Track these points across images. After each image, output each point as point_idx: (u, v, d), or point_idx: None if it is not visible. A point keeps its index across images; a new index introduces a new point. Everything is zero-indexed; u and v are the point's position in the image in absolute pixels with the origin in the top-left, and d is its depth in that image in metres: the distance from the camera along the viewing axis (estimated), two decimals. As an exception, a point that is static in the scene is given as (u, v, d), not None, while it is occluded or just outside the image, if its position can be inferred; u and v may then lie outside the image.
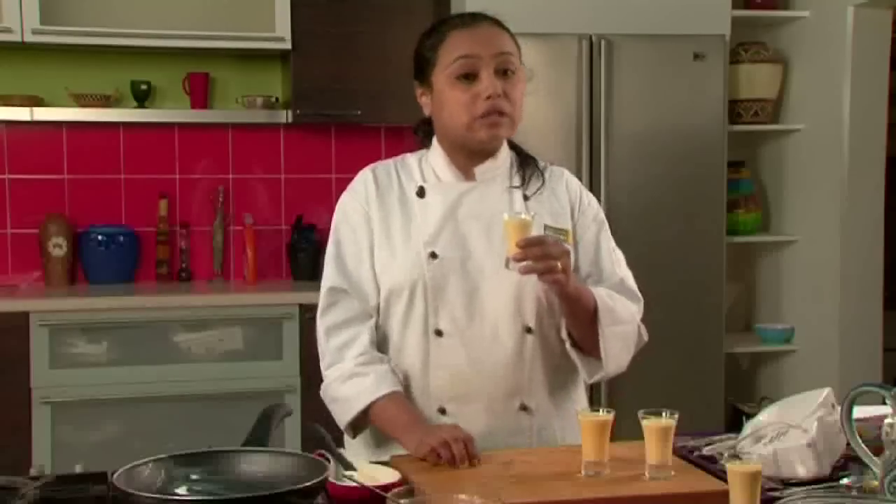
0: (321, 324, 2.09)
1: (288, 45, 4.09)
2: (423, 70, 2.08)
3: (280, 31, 4.08)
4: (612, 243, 2.18)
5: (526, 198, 2.10)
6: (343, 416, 2.03)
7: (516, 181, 2.12)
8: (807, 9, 4.39)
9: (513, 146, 2.17)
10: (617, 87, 4.02)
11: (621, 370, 2.08)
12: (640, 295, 2.15)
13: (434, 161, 2.12)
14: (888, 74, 4.25)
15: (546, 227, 2.06)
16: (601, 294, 2.02)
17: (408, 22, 4.17)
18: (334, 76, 4.13)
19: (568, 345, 2.05)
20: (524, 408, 2.04)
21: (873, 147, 4.21)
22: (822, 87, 4.31)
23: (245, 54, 4.31)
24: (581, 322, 2.02)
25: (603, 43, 3.99)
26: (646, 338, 2.14)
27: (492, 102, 1.99)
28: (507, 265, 1.89)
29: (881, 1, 4.11)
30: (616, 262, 2.15)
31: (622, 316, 2.04)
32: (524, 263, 1.85)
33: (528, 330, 2.04)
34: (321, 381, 2.09)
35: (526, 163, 2.15)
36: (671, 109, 4.08)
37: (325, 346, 2.08)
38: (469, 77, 2.01)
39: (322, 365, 2.09)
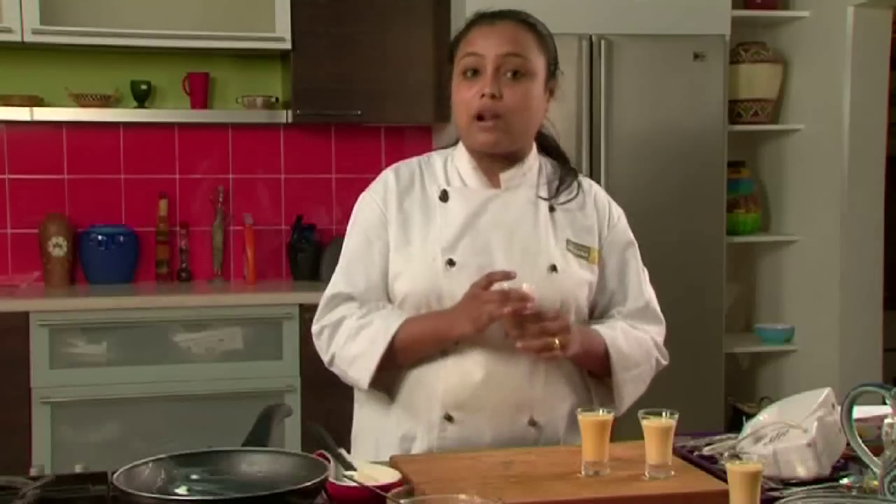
0: (316, 324, 2.05)
1: (288, 45, 4.09)
2: (449, 64, 2.07)
3: (280, 31, 4.08)
4: (640, 262, 2.14)
5: (552, 209, 2.05)
6: (364, 372, 1.96)
7: (544, 192, 2.06)
8: (807, 9, 4.39)
9: (557, 154, 2.13)
10: (617, 87, 4.02)
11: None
12: (662, 317, 2.13)
13: (459, 163, 2.06)
14: (888, 74, 4.24)
15: (568, 241, 2.03)
16: (614, 338, 2.01)
17: (408, 22, 4.19)
18: (334, 76, 4.13)
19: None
20: (533, 423, 1.99)
21: (873, 147, 4.21)
22: (822, 87, 4.31)
23: (245, 54, 4.31)
24: (592, 368, 2.04)
25: (603, 43, 3.99)
26: (665, 361, 2.12)
27: (482, 103, 1.95)
28: (507, 336, 1.91)
29: (881, 1, 4.11)
30: (643, 283, 2.13)
31: (636, 358, 2.03)
32: (521, 343, 1.87)
33: None
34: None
35: (565, 176, 2.09)
36: (671, 109, 4.08)
37: (322, 330, 2.03)
38: (475, 74, 1.98)
39: (323, 350, 2.03)
